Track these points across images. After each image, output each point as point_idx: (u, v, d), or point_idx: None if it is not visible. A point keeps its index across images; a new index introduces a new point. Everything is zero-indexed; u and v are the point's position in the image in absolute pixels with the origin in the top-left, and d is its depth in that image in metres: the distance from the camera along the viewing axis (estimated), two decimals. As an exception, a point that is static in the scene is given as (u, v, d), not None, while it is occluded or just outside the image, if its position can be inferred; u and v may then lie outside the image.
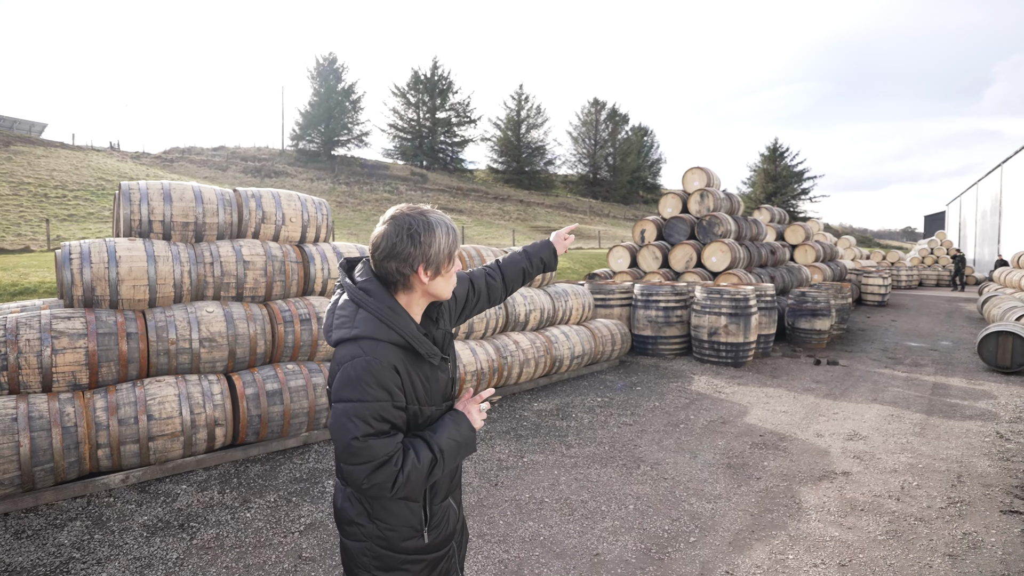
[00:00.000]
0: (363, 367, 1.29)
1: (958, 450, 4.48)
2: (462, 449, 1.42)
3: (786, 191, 50.55)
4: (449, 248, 1.40)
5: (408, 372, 1.35)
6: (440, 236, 1.38)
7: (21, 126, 40.89)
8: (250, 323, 4.65)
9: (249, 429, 4.37)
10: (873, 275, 14.78)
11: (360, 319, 1.34)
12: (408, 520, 1.42)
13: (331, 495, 3.64)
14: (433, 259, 1.37)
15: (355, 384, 1.28)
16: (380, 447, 1.28)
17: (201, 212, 4.89)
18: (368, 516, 1.41)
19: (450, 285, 1.45)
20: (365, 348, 1.31)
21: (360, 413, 1.27)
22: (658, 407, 5.58)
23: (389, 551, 1.41)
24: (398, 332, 1.34)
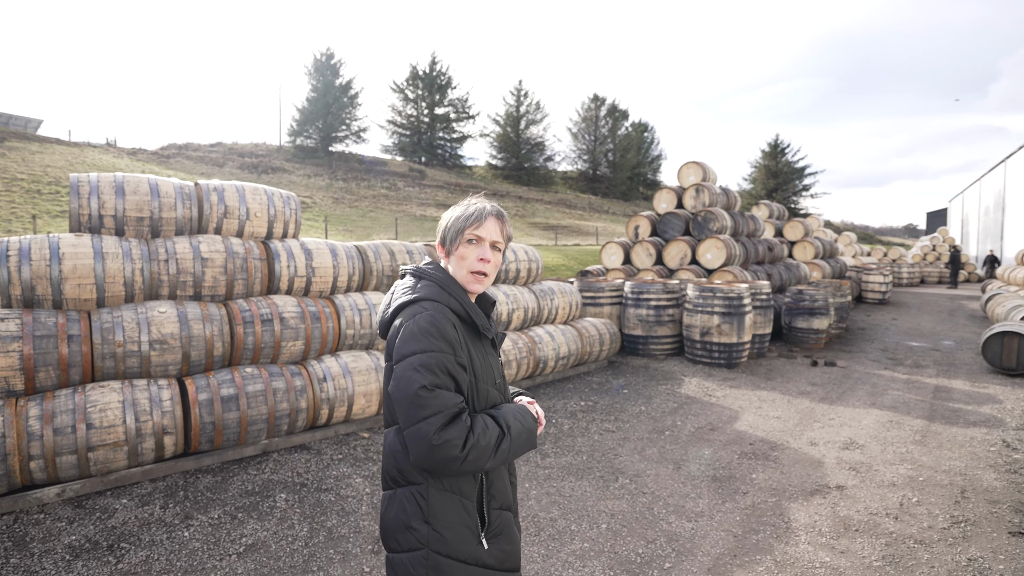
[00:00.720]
0: (427, 320, 1.30)
1: (962, 461, 4.18)
2: (526, 439, 1.37)
3: (787, 187, 50.18)
4: (456, 226, 1.42)
5: (464, 340, 1.35)
6: (448, 214, 1.44)
7: (17, 122, 40.59)
8: (206, 324, 4.36)
9: (202, 437, 4.09)
10: (873, 272, 14.45)
11: (421, 286, 1.39)
12: (464, 520, 1.34)
13: (281, 510, 3.36)
14: (441, 235, 1.45)
15: (419, 337, 1.28)
16: (450, 398, 1.26)
17: (157, 206, 4.61)
18: (423, 516, 1.32)
19: (460, 268, 1.42)
20: (426, 306, 1.33)
21: (427, 363, 1.26)
22: (644, 412, 5.29)
23: (447, 558, 1.32)
24: (456, 299, 1.38)
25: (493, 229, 1.43)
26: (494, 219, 1.44)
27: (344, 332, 5.07)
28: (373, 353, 5.13)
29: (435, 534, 1.31)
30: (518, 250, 7.03)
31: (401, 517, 1.34)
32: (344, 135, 48.91)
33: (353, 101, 48.72)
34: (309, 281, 5.11)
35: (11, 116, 40.81)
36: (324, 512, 3.36)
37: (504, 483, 1.44)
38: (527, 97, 56.48)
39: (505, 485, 1.45)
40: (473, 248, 1.41)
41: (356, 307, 5.19)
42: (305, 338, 4.80)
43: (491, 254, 1.43)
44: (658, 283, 7.93)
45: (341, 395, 4.72)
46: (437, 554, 1.31)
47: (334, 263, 5.27)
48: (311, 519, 3.27)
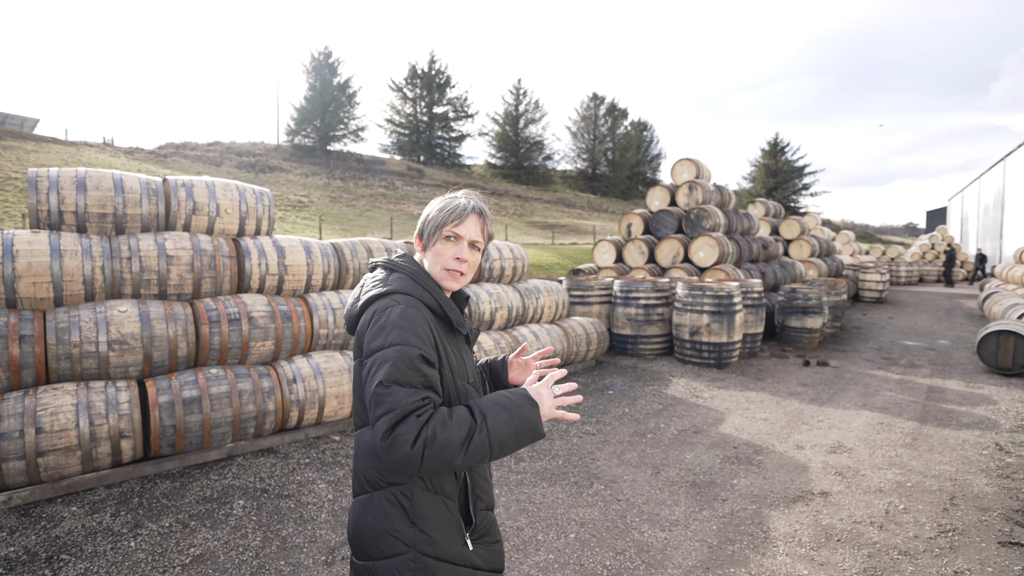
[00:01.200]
0: (397, 314, 1.24)
1: (952, 465, 4.02)
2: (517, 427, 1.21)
3: (787, 186, 49.99)
4: (435, 221, 1.35)
5: (439, 336, 1.30)
6: (430, 207, 1.38)
7: (13, 121, 40.48)
8: (170, 323, 4.21)
9: (163, 441, 3.93)
10: (871, 271, 14.27)
11: (393, 278, 1.33)
12: (448, 519, 1.28)
13: (236, 518, 3.21)
14: (420, 228, 1.39)
15: (387, 330, 1.22)
16: (405, 395, 1.17)
17: (121, 202, 4.46)
18: (408, 519, 1.26)
19: (436, 264, 1.36)
20: (399, 299, 1.27)
21: (389, 357, 1.19)
22: (627, 414, 5.13)
23: (435, 559, 1.26)
24: (431, 293, 1.32)
25: (473, 227, 1.36)
26: (475, 216, 1.37)
27: (317, 332, 4.92)
28: (347, 353, 4.97)
29: (422, 535, 1.25)
30: (503, 248, 6.87)
31: (383, 522, 1.26)
32: (342, 134, 48.75)
33: (351, 100, 48.56)
34: (281, 279, 4.96)
35: (7, 115, 40.70)
36: (281, 520, 3.21)
37: (486, 482, 1.39)
38: (526, 96, 56.32)
39: (486, 484, 1.39)
40: (451, 246, 1.35)
41: (330, 306, 5.04)
42: (275, 338, 4.65)
43: (469, 253, 1.36)
44: (647, 282, 7.77)
45: (311, 397, 4.57)
46: (425, 556, 1.25)
47: (308, 261, 5.11)
48: (266, 528, 3.12)
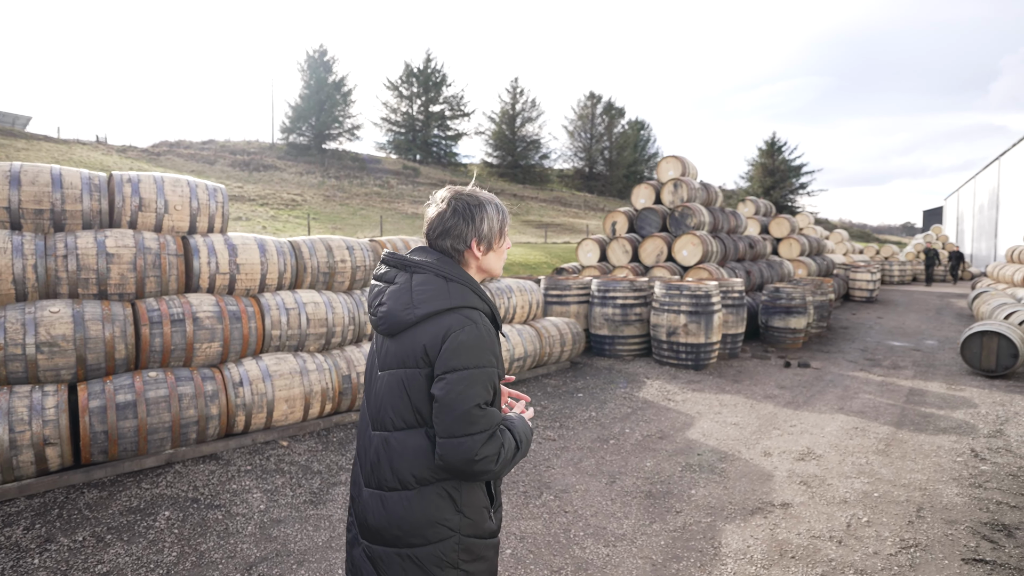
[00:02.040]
0: (476, 334, 1.32)
1: (924, 473, 3.83)
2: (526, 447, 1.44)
3: (784, 185, 49.82)
4: (500, 224, 1.46)
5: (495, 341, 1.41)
6: (491, 213, 1.44)
7: (4, 119, 40.17)
8: (106, 324, 4.01)
9: (94, 448, 3.73)
10: (861, 270, 14.09)
11: (456, 291, 1.37)
12: (483, 502, 1.45)
13: (157, 530, 3.02)
14: (485, 235, 1.43)
15: (471, 351, 1.31)
16: (495, 416, 1.34)
17: (59, 198, 4.26)
18: (455, 507, 1.41)
19: (501, 261, 1.51)
20: (472, 316, 1.35)
21: (480, 380, 1.31)
22: (593, 418, 4.94)
23: (476, 538, 1.43)
24: (488, 303, 1.41)
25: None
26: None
27: (269, 333, 4.72)
28: (301, 356, 4.78)
29: (466, 520, 1.41)
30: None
31: (432, 513, 1.39)
32: (337, 132, 48.50)
33: (346, 98, 48.32)
34: (233, 278, 4.76)
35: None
36: (204, 533, 3.02)
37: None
38: (523, 95, 56.10)
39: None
40: (506, 241, 1.51)
41: (284, 306, 4.84)
42: (223, 339, 4.45)
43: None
44: (624, 281, 7.58)
45: (259, 401, 4.37)
46: (467, 537, 1.41)
47: (262, 259, 4.92)
48: (186, 542, 2.93)
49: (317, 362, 4.78)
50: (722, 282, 7.56)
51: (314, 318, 4.95)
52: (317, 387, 4.68)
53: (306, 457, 4.09)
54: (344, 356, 5.01)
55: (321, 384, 4.71)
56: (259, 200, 31.07)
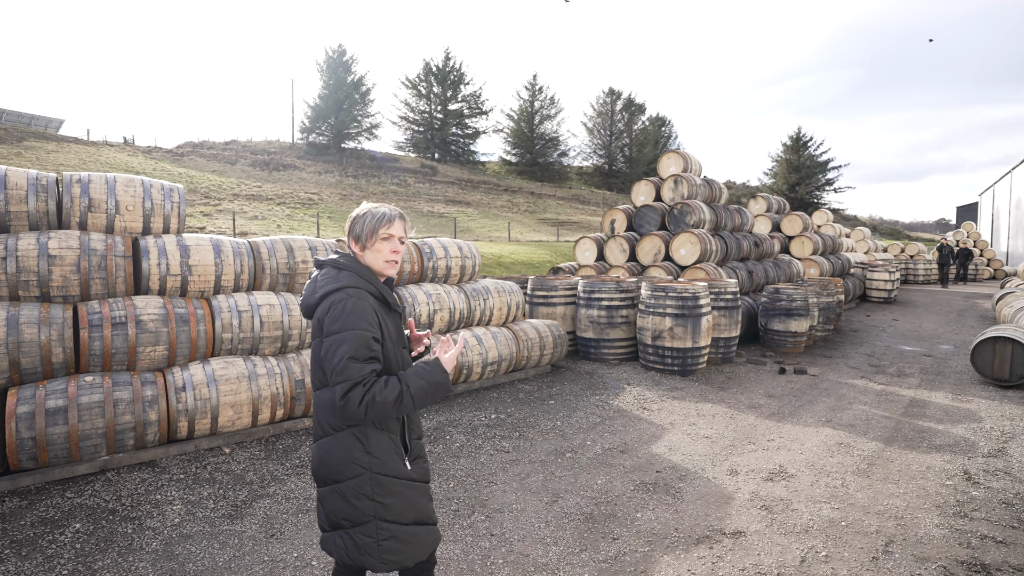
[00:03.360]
0: (350, 304, 1.67)
1: (905, 498, 3.46)
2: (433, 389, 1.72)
3: (810, 182, 48.35)
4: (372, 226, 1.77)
5: (380, 316, 1.75)
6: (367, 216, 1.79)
7: (38, 122, 41.53)
8: (43, 328, 3.91)
9: (22, 455, 3.62)
10: (878, 270, 13.42)
11: (343, 275, 1.75)
12: (393, 447, 1.76)
13: (59, 545, 2.87)
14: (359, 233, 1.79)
15: (344, 317, 1.66)
16: (359, 370, 1.62)
17: (3, 199, 4.17)
18: (364, 449, 1.73)
19: (377, 258, 1.79)
20: (351, 292, 1.70)
21: (348, 339, 1.64)
22: (557, 428, 4.67)
23: (386, 476, 1.74)
24: (373, 285, 1.77)
25: (401, 227, 1.81)
26: (400, 220, 1.81)
27: (220, 336, 4.57)
28: (252, 359, 4.61)
29: (375, 460, 1.72)
30: (450, 246, 6.45)
31: (344, 453, 1.72)
32: (356, 131, 48.84)
33: (365, 98, 48.62)
34: (185, 280, 4.63)
35: (33, 116, 41.78)
36: (106, 549, 2.85)
37: (416, 419, 1.89)
38: (541, 92, 55.72)
39: (416, 421, 1.90)
40: (387, 243, 1.78)
41: (236, 309, 4.68)
42: (168, 343, 4.31)
43: (399, 246, 1.81)
44: (610, 281, 7.26)
45: (203, 406, 4.22)
46: (377, 474, 1.72)
47: (217, 261, 4.77)
48: (84, 558, 2.77)
49: (268, 366, 4.62)
50: (713, 282, 7.18)
51: (268, 321, 4.78)
52: (266, 392, 4.51)
53: (244, 466, 3.92)
54: (299, 360, 4.84)
55: (271, 389, 4.54)
56: (276, 199, 31.42)
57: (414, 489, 1.78)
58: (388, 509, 1.73)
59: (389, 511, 1.73)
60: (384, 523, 1.72)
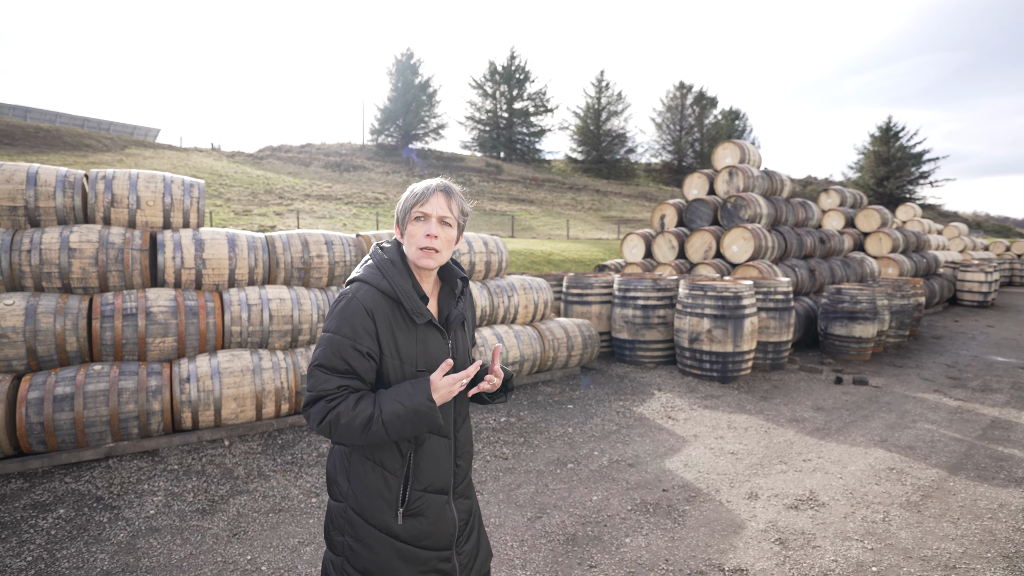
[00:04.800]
0: (343, 304, 1.40)
1: (962, 542, 2.87)
2: (412, 417, 1.34)
3: (900, 175, 44.28)
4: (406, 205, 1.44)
5: (388, 323, 1.40)
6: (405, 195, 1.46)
7: (139, 131, 45.64)
8: (58, 318, 4.06)
9: (32, 438, 3.76)
10: (972, 270, 11.89)
11: (366, 266, 1.46)
12: (381, 491, 1.41)
13: (36, 530, 2.91)
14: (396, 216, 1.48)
15: (332, 317, 1.40)
16: (324, 381, 1.36)
17: (33, 195, 4.38)
18: (346, 475, 1.44)
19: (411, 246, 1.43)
20: (354, 288, 1.42)
21: (324, 341, 1.38)
22: (567, 435, 4.33)
23: (360, 518, 1.42)
24: (389, 281, 1.41)
25: (439, 204, 1.42)
26: (440, 194, 1.43)
27: (229, 329, 4.60)
28: (259, 353, 4.61)
29: (352, 493, 1.42)
30: (475, 241, 6.24)
31: (331, 470, 1.49)
32: (423, 132, 50.01)
33: (432, 99, 49.69)
34: (199, 273, 4.70)
35: (135, 127, 45.94)
36: (76, 537, 2.86)
37: (438, 466, 1.45)
38: (608, 88, 54.68)
39: (439, 468, 1.45)
40: (420, 225, 1.42)
41: (246, 302, 4.70)
42: (177, 334, 4.38)
43: (439, 229, 1.42)
44: (647, 279, 6.78)
45: (206, 398, 4.24)
46: (353, 511, 1.42)
47: (231, 255, 4.82)
48: (51, 545, 2.78)
49: (275, 360, 4.59)
50: (759, 281, 6.53)
51: (278, 315, 4.77)
52: (270, 386, 4.49)
53: (237, 459, 3.89)
54: (307, 355, 4.79)
55: (275, 383, 4.51)
56: (344, 199, 32.65)
57: (395, 551, 1.40)
58: (356, 557, 1.41)
59: (357, 559, 1.41)
60: (351, 568, 1.42)
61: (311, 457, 3.94)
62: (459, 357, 1.50)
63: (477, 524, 1.60)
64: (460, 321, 1.51)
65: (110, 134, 40.38)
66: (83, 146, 34.23)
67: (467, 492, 1.57)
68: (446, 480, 1.47)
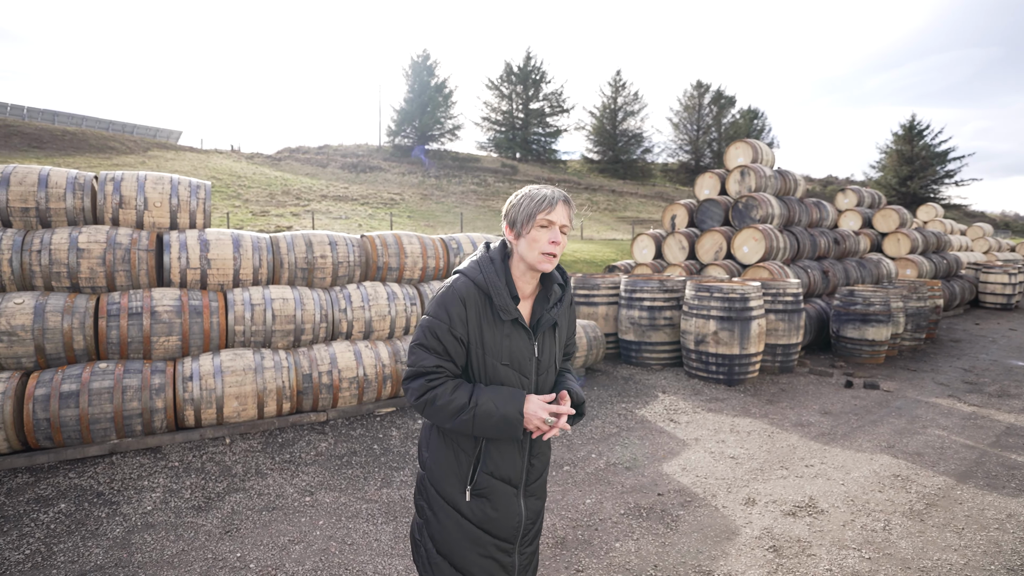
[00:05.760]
0: (443, 292, 1.53)
1: (965, 553, 2.78)
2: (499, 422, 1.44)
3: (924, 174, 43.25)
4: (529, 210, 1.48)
5: (478, 314, 1.50)
6: (524, 199, 1.51)
7: (162, 134, 46.61)
8: (66, 316, 4.15)
9: (38, 434, 3.85)
10: (995, 271, 11.55)
11: (470, 261, 1.58)
12: (453, 467, 1.53)
13: (36, 523, 2.97)
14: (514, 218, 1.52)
15: (433, 303, 1.53)
16: (423, 359, 1.49)
17: (44, 197, 4.49)
18: (427, 445, 1.59)
19: (532, 250, 1.49)
20: (454, 279, 1.55)
21: (424, 324, 1.52)
22: (565, 436, 4.30)
23: (434, 489, 1.56)
24: (483, 276, 1.52)
25: (563, 213, 1.50)
26: (563, 204, 1.51)
27: (232, 328, 4.66)
28: (262, 352, 4.66)
29: (430, 463, 1.56)
30: (479, 241, 6.24)
31: (420, 440, 1.63)
32: (439, 133, 50.25)
33: (448, 100, 49.91)
34: (204, 274, 4.76)
35: (158, 129, 46.92)
36: (74, 532, 2.92)
37: (507, 457, 1.53)
38: (625, 88, 54.39)
39: (508, 459, 1.54)
40: (545, 232, 1.49)
41: (249, 302, 4.75)
42: (182, 333, 4.45)
43: (561, 237, 1.50)
44: (654, 280, 6.71)
45: (208, 396, 4.30)
46: (429, 481, 1.56)
47: (235, 255, 4.88)
48: (51, 539, 2.84)
49: (276, 360, 4.64)
50: (768, 282, 6.41)
51: (281, 315, 4.82)
52: (272, 385, 4.53)
53: (236, 457, 3.93)
54: (309, 355, 4.83)
55: (276, 383, 4.55)
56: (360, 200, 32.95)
57: (459, 527, 1.52)
58: (429, 523, 1.57)
59: (430, 525, 1.56)
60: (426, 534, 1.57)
61: (309, 456, 3.97)
62: (544, 359, 1.58)
63: (540, 530, 1.68)
64: (550, 324, 1.58)
65: (133, 136, 41.30)
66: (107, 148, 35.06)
67: (539, 494, 1.63)
68: (516, 473, 1.55)
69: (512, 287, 1.52)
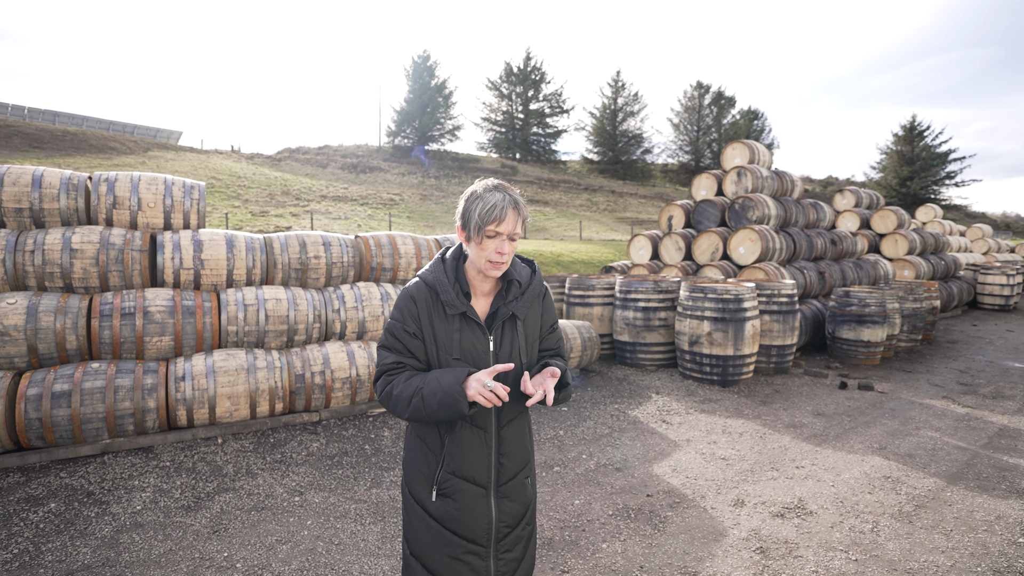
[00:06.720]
0: (400, 294, 1.59)
1: (952, 555, 2.78)
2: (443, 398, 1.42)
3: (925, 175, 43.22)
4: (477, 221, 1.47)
5: (429, 310, 1.55)
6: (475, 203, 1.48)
7: (162, 134, 46.65)
8: (58, 316, 4.15)
9: (30, 434, 3.86)
10: (993, 272, 11.54)
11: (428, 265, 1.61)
12: (420, 465, 1.57)
13: (25, 523, 2.98)
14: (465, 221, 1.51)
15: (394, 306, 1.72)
16: (385, 357, 1.57)
17: (38, 197, 4.49)
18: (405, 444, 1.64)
19: (480, 258, 1.49)
20: (413, 281, 1.61)
21: (385, 326, 1.63)
22: (556, 438, 4.31)
23: (407, 487, 1.60)
24: (433, 275, 1.57)
25: (511, 222, 1.48)
26: (512, 212, 1.48)
27: (225, 328, 4.67)
28: (255, 352, 4.67)
29: (404, 463, 1.62)
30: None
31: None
32: (439, 134, 50.24)
33: (448, 100, 49.90)
34: (198, 274, 4.77)
35: (158, 129, 46.95)
36: (62, 531, 2.92)
37: (470, 455, 1.52)
38: (625, 88, 54.38)
39: (472, 458, 1.52)
40: (492, 242, 1.48)
41: (242, 302, 4.76)
42: (174, 334, 4.46)
43: (508, 246, 1.49)
44: (648, 281, 6.71)
45: (200, 396, 4.31)
46: (404, 481, 1.61)
47: (229, 255, 4.89)
48: (39, 538, 2.84)
49: (269, 360, 4.64)
50: (762, 283, 6.41)
51: (274, 315, 4.82)
52: (264, 385, 4.54)
53: (228, 457, 3.94)
54: (301, 355, 4.84)
55: (269, 383, 4.56)
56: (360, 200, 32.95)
57: (426, 526, 1.53)
58: (405, 523, 1.61)
59: (406, 525, 1.61)
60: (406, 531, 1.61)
61: (300, 456, 3.97)
62: (502, 353, 1.55)
63: (528, 537, 1.64)
64: (508, 317, 1.56)
65: (134, 137, 41.31)
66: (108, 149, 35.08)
67: (515, 496, 1.58)
68: (482, 473, 1.53)
69: (464, 284, 1.54)
